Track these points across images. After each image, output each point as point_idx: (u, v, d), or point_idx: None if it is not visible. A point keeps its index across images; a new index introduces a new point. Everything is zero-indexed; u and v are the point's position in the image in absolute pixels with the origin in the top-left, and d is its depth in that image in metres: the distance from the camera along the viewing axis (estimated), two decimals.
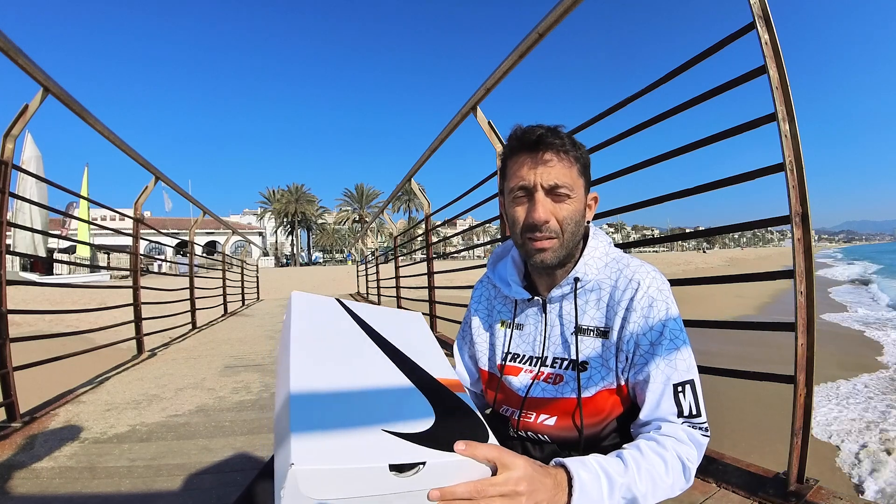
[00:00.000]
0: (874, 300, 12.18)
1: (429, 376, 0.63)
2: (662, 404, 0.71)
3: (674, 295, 0.77)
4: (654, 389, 0.71)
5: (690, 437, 0.69)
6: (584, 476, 0.59)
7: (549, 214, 0.75)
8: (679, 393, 0.70)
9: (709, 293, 11.07)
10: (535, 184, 0.75)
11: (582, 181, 0.78)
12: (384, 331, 0.70)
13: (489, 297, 0.95)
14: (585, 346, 0.78)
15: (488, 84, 2.32)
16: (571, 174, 0.76)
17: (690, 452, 0.68)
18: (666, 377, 0.71)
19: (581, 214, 0.79)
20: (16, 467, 1.57)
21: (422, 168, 3.75)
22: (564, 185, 0.75)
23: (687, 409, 0.70)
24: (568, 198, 0.76)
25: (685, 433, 0.69)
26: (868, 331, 7.33)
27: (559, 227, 0.76)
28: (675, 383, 0.71)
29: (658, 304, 0.74)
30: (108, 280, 17.42)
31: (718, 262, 36.95)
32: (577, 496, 0.57)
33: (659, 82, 1.49)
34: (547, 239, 0.76)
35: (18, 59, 1.86)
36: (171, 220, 34.87)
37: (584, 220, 0.80)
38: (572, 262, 0.81)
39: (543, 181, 0.74)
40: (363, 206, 60.27)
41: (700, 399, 0.71)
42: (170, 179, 3.79)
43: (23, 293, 8.91)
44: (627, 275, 0.77)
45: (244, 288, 8.33)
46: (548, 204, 0.75)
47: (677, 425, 0.69)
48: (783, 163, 1.11)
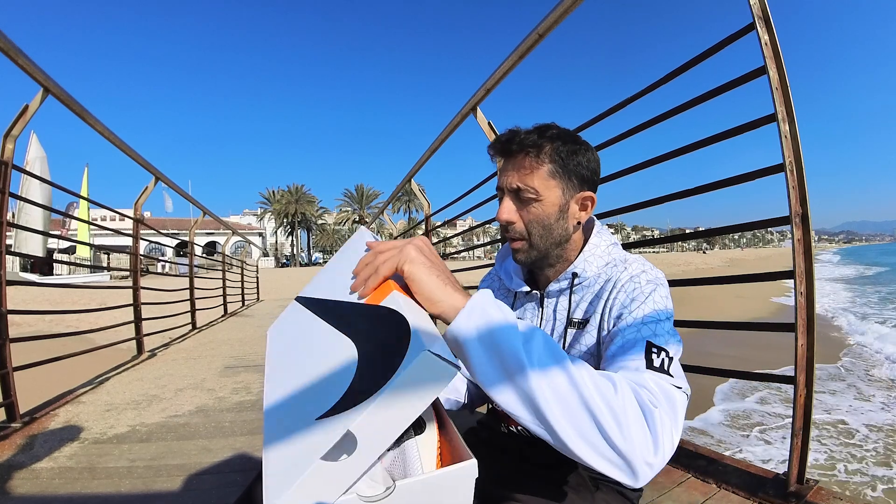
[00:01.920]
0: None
1: (352, 308, 0.56)
2: (628, 354, 0.61)
3: (672, 296, 0.75)
4: (623, 343, 0.64)
5: (660, 388, 0.55)
6: (488, 297, 0.55)
7: (514, 216, 0.77)
8: (652, 352, 0.60)
9: (709, 294, 11.06)
10: (503, 186, 0.78)
11: (555, 182, 0.75)
12: (334, 291, 0.62)
13: (492, 290, 0.95)
14: (574, 339, 0.77)
15: (488, 85, 2.32)
16: (537, 176, 0.74)
17: (657, 401, 0.53)
18: (639, 334, 0.64)
19: (552, 217, 0.76)
20: (15, 467, 1.57)
21: (422, 168, 3.75)
22: (527, 188, 0.74)
23: (658, 364, 0.59)
24: (535, 200, 0.75)
25: (652, 381, 0.56)
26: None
27: (525, 229, 0.77)
28: (651, 342, 0.62)
29: (641, 280, 0.72)
30: (108, 280, 17.43)
31: (718, 262, 36.96)
32: (482, 296, 0.54)
33: (659, 83, 1.49)
34: (515, 240, 0.78)
35: (18, 59, 1.86)
36: (171, 220, 34.87)
37: (561, 221, 0.77)
38: (562, 260, 0.81)
39: (508, 184, 0.76)
40: (363, 207, 60.27)
41: (677, 368, 0.60)
42: (170, 180, 3.79)
43: (23, 293, 8.91)
44: (622, 268, 0.77)
45: (244, 288, 8.32)
46: (512, 206, 0.77)
47: (643, 373, 0.57)
48: (783, 163, 1.11)
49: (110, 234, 5.75)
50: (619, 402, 0.50)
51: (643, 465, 0.49)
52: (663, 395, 0.55)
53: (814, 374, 1.08)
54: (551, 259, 0.81)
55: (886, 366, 5.89)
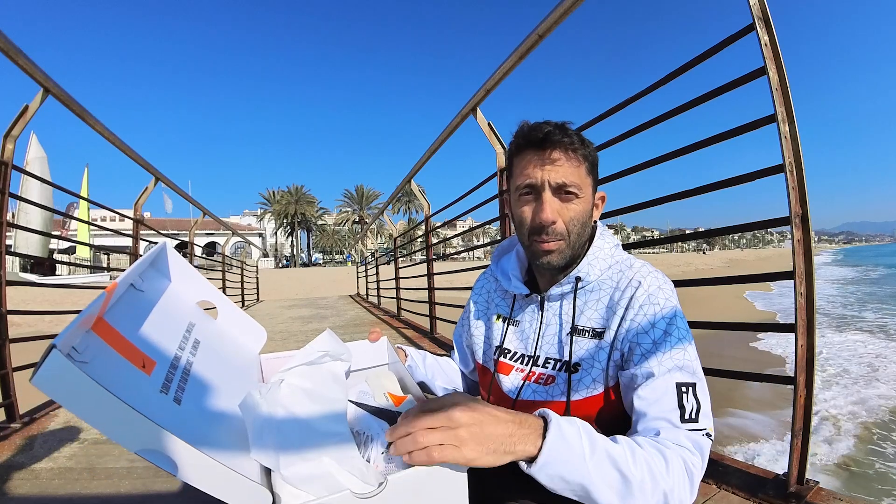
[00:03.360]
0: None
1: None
2: (663, 403, 0.63)
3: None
4: (655, 387, 0.64)
5: (695, 445, 0.61)
6: (564, 424, 0.54)
7: (556, 215, 0.73)
8: (683, 393, 0.63)
9: (710, 295, 11.08)
10: (542, 182, 0.72)
11: (590, 180, 0.76)
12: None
13: (489, 290, 0.94)
14: (579, 347, 0.75)
15: (488, 85, 2.32)
16: (579, 173, 0.74)
17: (695, 460, 0.59)
18: (669, 375, 0.65)
19: (588, 215, 0.77)
20: (15, 468, 1.57)
21: (422, 169, 3.75)
22: (573, 185, 0.72)
23: (689, 412, 0.62)
24: (576, 197, 0.73)
25: (689, 440, 0.61)
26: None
27: (565, 229, 0.74)
28: (679, 382, 0.64)
29: (660, 301, 0.70)
30: (107, 281, 17.42)
31: (718, 263, 36.96)
32: (553, 437, 0.52)
33: (659, 84, 1.49)
34: (553, 241, 0.74)
35: (18, 59, 1.86)
36: (171, 220, 34.82)
37: (590, 220, 0.78)
38: (575, 261, 0.79)
39: (551, 179, 0.72)
40: (363, 208, 60.29)
41: (705, 403, 0.64)
42: (170, 180, 3.79)
43: (23, 294, 8.91)
44: (629, 275, 0.74)
45: (244, 289, 8.33)
46: (555, 203, 0.73)
47: (680, 430, 0.61)
48: (783, 164, 1.11)
49: (110, 235, 5.74)
50: (671, 481, 0.56)
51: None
52: (699, 451, 0.61)
53: (814, 374, 1.08)
54: (574, 259, 0.78)
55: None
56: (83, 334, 0.45)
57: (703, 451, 0.61)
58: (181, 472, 0.41)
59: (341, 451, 0.51)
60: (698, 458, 0.60)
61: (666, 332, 0.68)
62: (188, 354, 0.59)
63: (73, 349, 0.42)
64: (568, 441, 0.53)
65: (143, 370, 0.50)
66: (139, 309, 0.58)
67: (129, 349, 0.50)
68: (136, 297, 0.59)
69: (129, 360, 0.49)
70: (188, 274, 0.70)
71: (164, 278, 0.68)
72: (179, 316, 0.64)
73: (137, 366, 0.49)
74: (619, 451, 0.55)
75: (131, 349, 0.50)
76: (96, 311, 0.48)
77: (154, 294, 0.63)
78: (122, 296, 0.57)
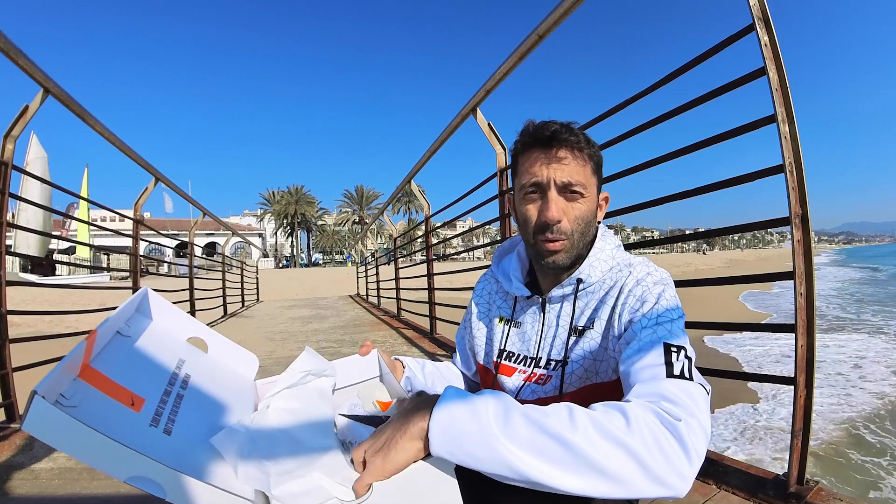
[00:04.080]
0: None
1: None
2: (648, 359, 0.59)
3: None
4: (640, 347, 0.62)
5: (683, 392, 0.54)
6: (458, 394, 0.53)
7: (562, 214, 0.73)
8: (672, 352, 0.59)
9: (710, 295, 11.08)
10: (548, 180, 0.72)
11: (595, 180, 0.76)
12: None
13: (490, 292, 0.94)
14: (579, 346, 0.75)
15: (488, 86, 2.33)
16: (585, 172, 0.74)
17: (679, 411, 0.51)
18: (656, 336, 0.62)
19: (592, 215, 0.77)
20: (15, 468, 1.57)
21: (422, 170, 3.75)
22: (578, 184, 0.73)
23: (680, 370, 0.57)
24: (581, 196, 0.74)
25: (675, 387, 0.55)
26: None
27: (570, 228, 0.74)
28: (668, 343, 0.60)
29: (648, 283, 0.70)
30: (107, 281, 17.41)
31: (718, 263, 36.97)
32: (440, 408, 0.51)
33: (659, 84, 1.49)
34: (559, 240, 0.74)
35: (19, 59, 1.86)
36: (171, 221, 34.85)
37: (595, 220, 0.78)
38: (578, 261, 0.79)
39: (557, 178, 0.72)
40: (363, 208, 60.29)
41: (696, 372, 0.59)
42: (170, 180, 3.80)
43: (22, 294, 8.91)
44: (626, 274, 0.75)
45: (244, 289, 8.32)
46: (560, 202, 0.73)
47: (660, 381, 0.56)
48: (783, 164, 1.11)
49: (110, 235, 5.75)
50: (637, 436, 0.48)
51: (679, 480, 0.48)
52: (688, 398, 0.53)
53: (814, 375, 1.08)
54: (578, 259, 0.78)
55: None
56: (70, 382, 0.49)
57: (694, 399, 0.53)
58: (169, 496, 0.44)
59: (330, 463, 0.53)
60: (688, 405, 0.52)
61: (655, 304, 0.68)
62: (178, 388, 0.61)
63: (62, 395, 0.46)
64: (461, 409, 0.50)
65: (132, 407, 0.53)
66: (127, 353, 0.61)
67: (118, 390, 0.53)
68: (122, 343, 0.63)
69: (118, 400, 0.52)
70: (174, 313, 0.73)
71: (150, 321, 0.71)
72: (168, 354, 0.67)
73: (126, 404, 0.52)
74: (551, 412, 0.49)
75: (119, 390, 0.54)
76: (79, 358, 0.51)
77: (141, 337, 0.66)
78: (109, 343, 0.60)
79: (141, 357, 0.63)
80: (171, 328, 0.71)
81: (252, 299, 9.41)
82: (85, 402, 0.48)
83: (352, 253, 20.26)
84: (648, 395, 0.55)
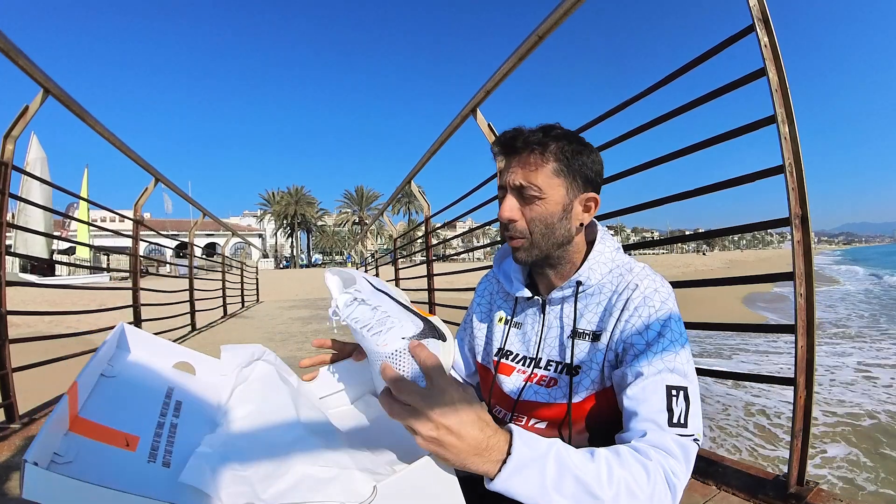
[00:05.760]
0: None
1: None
2: (652, 403, 0.63)
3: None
4: (644, 387, 0.65)
5: (681, 449, 0.61)
6: (524, 454, 0.53)
7: (516, 214, 0.76)
8: (672, 396, 0.63)
9: (710, 295, 11.07)
10: (505, 183, 0.77)
11: (560, 181, 0.75)
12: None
13: (491, 292, 0.95)
14: (580, 350, 0.76)
15: (488, 86, 2.32)
16: (542, 174, 0.74)
17: (678, 468, 0.59)
18: (659, 376, 0.65)
19: (556, 216, 0.76)
20: (14, 469, 1.56)
21: (422, 170, 3.75)
22: (530, 186, 0.74)
23: (678, 416, 0.62)
24: (538, 198, 0.74)
25: (675, 443, 0.61)
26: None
27: (527, 228, 0.76)
28: (670, 385, 0.64)
29: (655, 303, 0.71)
30: (107, 281, 17.42)
31: (718, 264, 36.96)
32: (508, 473, 0.52)
33: (659, 85, 1.49)
34: (516, 238, 0.77)
35: (19, 60, 1.86)
36: (170, 221, 34.87)
37: (564, 221, 0.77)
38: (564, 262, 0.80)
39: (511, 181, 0.76)
40: (363, 208, 60.32)
41: (695, 406, 0.64)
42: (170, 181, 3.79)
43: (22, 294, 8.90)
44: (628, 279, 0.75)
45: (244, 290, 8.33)
46: (515, 203, 0.76)
47: (666, 434, 0.61)
48: (783, 165, 1.11)
49: (110, 235, 5.75)
50: (649, 490, 0.56)
51: None
52: (683, 456, 0.61)
53: (814, 375, 1.08)
54: (552, 260, 0.79)
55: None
56: (62, 438, 0.49)
57: (688, 457, 0.61)
58: None
59: (307, 453, 0.55)
60: (682, 464, 0.60)
61: (660, 333, 0.69)
62: (171, 417, 0.61)
63: (56, 454, 0.46)
64: (526, 470, 0.53)
65: (127, 448, 0.53)
66: (114, 394, 0.61)
67: (111, 434, 0.54)
68: (108, 385, 0.62)
69: (112, 444, 0.53)
70: (155, 343, 0.72)
71: (132, 356, 0.70)
72: (157, 384, 0.66)
73: (121, 446, 0.53)
74: (593, 472, 0.55)
75: (112, 434, 0.54)
76: (65, 412, 0.51)
77: (126, 375, 0.65)
78: (95, 387, 0.60)
79: (129, 394, 0.62)
80: (154, 359, 0.70)
81: (252, 300, 9.41)
82: (80, 456, 0.49)
83: (352, 254, 20.26)
84: (656, 444, 0.61)
